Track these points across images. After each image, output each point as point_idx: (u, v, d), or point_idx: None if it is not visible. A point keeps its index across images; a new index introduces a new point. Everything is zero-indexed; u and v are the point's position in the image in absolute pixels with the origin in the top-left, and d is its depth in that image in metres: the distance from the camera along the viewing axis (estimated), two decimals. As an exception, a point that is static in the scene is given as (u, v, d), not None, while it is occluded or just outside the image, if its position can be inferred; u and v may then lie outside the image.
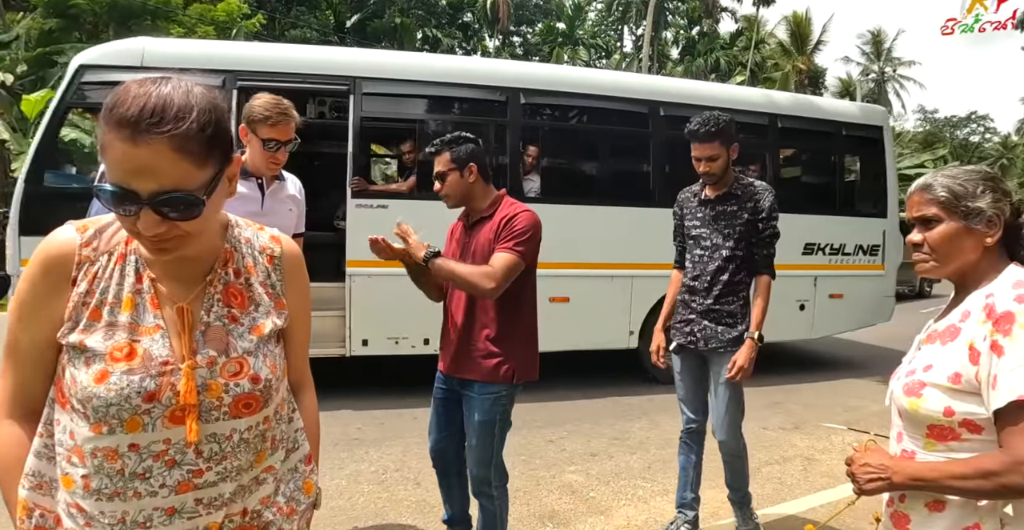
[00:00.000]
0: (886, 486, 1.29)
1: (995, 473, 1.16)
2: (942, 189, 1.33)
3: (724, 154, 2.77)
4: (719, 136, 2.74)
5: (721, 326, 2.82)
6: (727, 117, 2.78)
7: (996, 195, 1.31)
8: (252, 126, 2.52)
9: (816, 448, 4.50)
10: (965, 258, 1.32)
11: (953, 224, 1.32)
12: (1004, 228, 1.32)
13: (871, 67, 49.20)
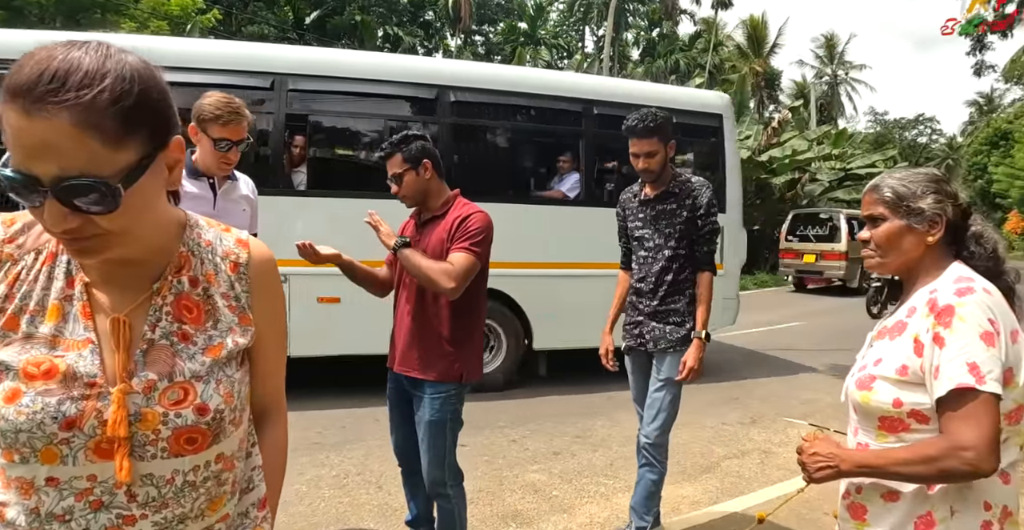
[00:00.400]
0: (834, 474, 1.32)
1: (935, 458, 1.21)
2: (888, 190, 1.40)
3: (662, 151, 2.74)
4: (657, 132, 2.71)
5: (669, 326, 2.82)
6: (665, 113, 2.77)
7: (939, 196, 1.37)
8: (202, 125, 2.46)
9: (773, 441, 4.60)
10: (908, 255, 1.39)
11: (896, 222, 1.38)
12: (950, 228, 1.38)
13: (824, 70, 50.53)
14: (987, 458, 1.18)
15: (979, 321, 1.23)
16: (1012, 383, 1.25)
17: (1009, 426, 1.27)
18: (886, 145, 38.27)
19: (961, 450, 1.19)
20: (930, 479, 1.25)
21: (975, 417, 1.20)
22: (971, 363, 1.21)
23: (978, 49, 12.68)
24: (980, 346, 1.21)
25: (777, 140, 18.91)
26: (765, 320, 10.06)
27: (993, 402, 1.20)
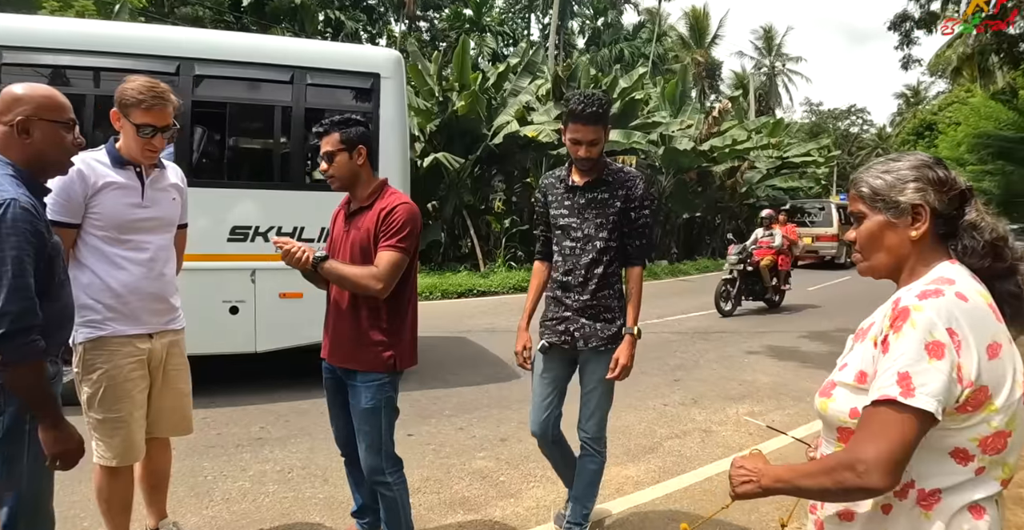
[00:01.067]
0: (755, 488, 1.26)
1: (832, 469, 1.13)
2: (863, 184, 1.27)
3: (604, 138, 2.60)
4: (603, 119, 2.55)
5: (600, 323, 2.66)
6: (610, 98, 2.66)
7: (919, 184, 1.21)
8: (125, 111, 2.37)
9: (713, 420, 4.75)
10: (895, 254, 1.25)
11: (875, 219, 1.25)
12: (940, 219, 1.22)
13: (763, 61, 51.92)
14: (878, 476, 1.08)
15: (930, 329, 1.10)
16: (986, 405, 1.12)
17: (986, 455, 1.14)
18: (821, 135, 39.70)
19: (856, 463, 1.10)
20: (832, 493, 1.16)
21: (884, 432, 1.09)
22: (903, 373, 1.09)
23: (906, 44, 13.20)
24: (921, 357, 1.09)
25: (718, 129, 19.34)
26: (707, 303, 10.32)
27: (914, 420, 1.08)
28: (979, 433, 1.12)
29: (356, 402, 2.47)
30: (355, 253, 2.43)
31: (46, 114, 1.82)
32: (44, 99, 1.82)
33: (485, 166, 15.42)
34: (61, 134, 1.85)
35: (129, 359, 2.43)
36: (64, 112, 1.86)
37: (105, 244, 2.40)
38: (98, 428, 2.42)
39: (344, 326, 2.47)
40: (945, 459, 1.15)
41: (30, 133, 1.80)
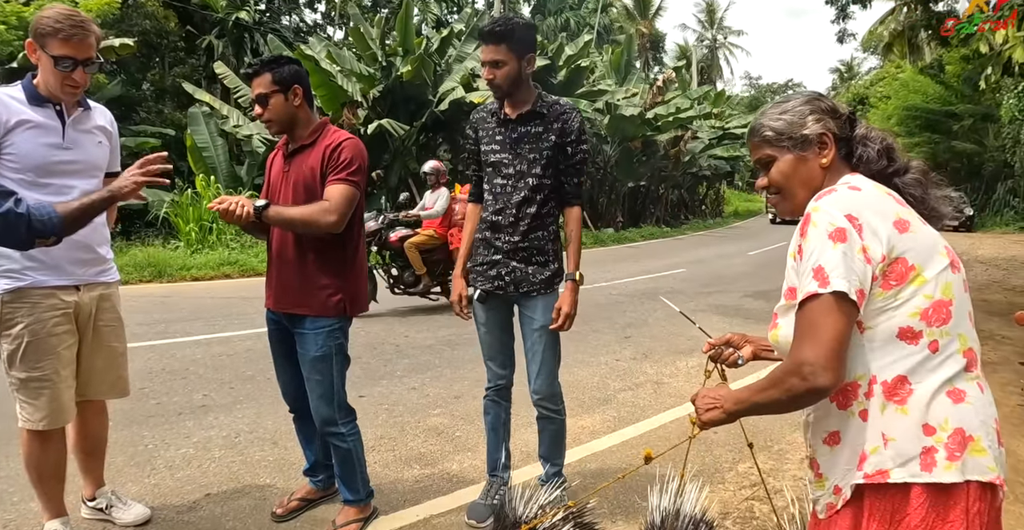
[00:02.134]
0: (720, 414, 1.26)
1: (780, 379, 1.13)
2: (766, 129, 1.31)
3: (513, 62, 2.35)
4: (505, 39, 2.33)
5: (532, 266, 2.47)
6: (524, 20, 2.44)
7: (817, 115, 1.28)
8: (40, 41, 2.15)
9: (664, 373, 4.83)
10: (810, 185, 1.28)
11: (786, 157, 1.29)
12: (842, 143, 1.29)
13: (705, 34, 52.52)
14: (823, 372, 1.07)
15: (829, 220, 1.13)
16: (913, 277, 1.13)
17: (932, 327, 1.13)
18: (760, 107, 40.63)
19: (799, 366, 1.09)
20: (784, 404, 1.15)
21: (813, 327, 1.09)
22: (816, 268, 1.11)
23: (841, 18, 13.46)
24: (827, 245, 1.11)
25: (662, 99, 19.52)
26: (653, 268, 10.50)
27: (835, 303, 1.09)
28: (917, 306, 1.13)
29: (305, 350, 2.37)
30: (299, 193, 2.31)
31: None
32: None
33: (430, 133, 15.14)
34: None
35: (53, 312, 2.25)
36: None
37: (23, 188, 2.19)
38: (21, 389, 2.24)
39: (289, 271, 2.36)
40: (895, 342, 1.14)
41: None
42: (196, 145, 13.40)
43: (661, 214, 23.31)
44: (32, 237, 1.70)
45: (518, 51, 2.36)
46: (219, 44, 20.23)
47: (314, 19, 31.54)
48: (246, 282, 9.50)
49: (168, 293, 8.41)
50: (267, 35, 17.56)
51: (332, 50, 14.51)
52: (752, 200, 43.58)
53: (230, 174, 13.74)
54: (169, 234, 12.29)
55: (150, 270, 9.63)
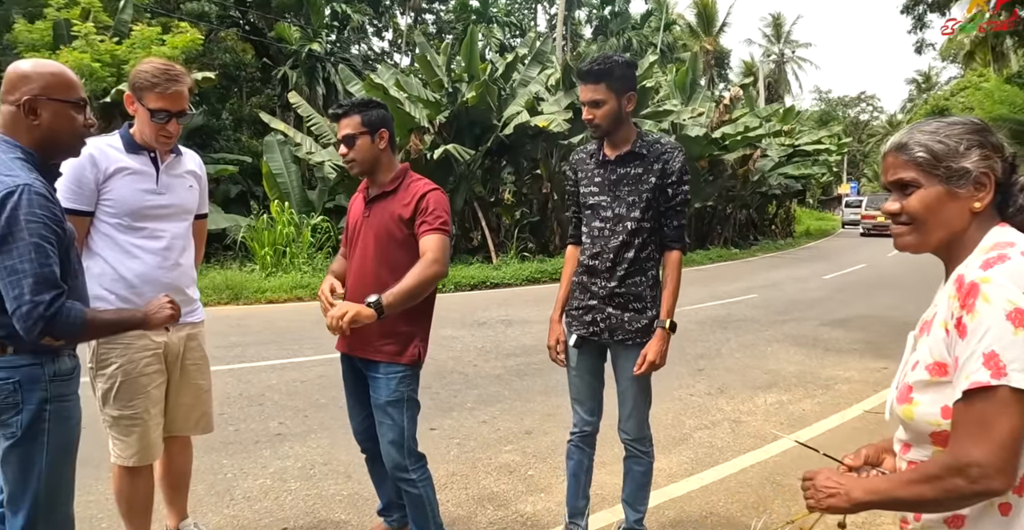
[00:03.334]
0: (843, 502, 1.14)
1: (937, 477, 1.02)
2: (920, 148, 1.12)
3: (613, 102, 2.32)
4: (605, 78, 2.29)
5: (629, 313, 2.42)
6: (624, 58, 2.37)
7: (985, 151, 1.10)
8: (138, 94, 2.26)
9: (741, 410, 4.63)
10: (951, 227, 1.12)
11: (934, 188, 1.11)
12: (999, 189, 1.12)
13: (772, 49, 51.46)
14: (996, 475, 0.96)
15: (1007, 297, 0.97)
16: None
17: None
18: (831, 122, 39.29)
19: (965, 467, 0.98)
20: (938, 503, 1.04)
21: (985, 424, 0.97)
22: (988, 353, 0.97)
23: (919, 27, 12.95)
24: (1005, 329, 0.96)
25: (729, 117, 19.12)
26: (723, 293, 10.19)
27: (1012, 399, 0.95)
28: None
29: (377, 395, 2.37)
30: (380, 239, 2.34)
31: (55, 93, 1.70)
32: (52, 77, 1.71)
33: (495, 157, 15.27)
34: (71, 114, 1.74)
35: (144, 353, 2.33)
36: (74, 91, 1.74)
37: (118, 232, 2.30)
38: (114, 426, 2.33)
39: None
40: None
41: (38, 114, 1.69)
42: (271, 171, 13.93)
43: (729, 235, 22.70)
44: (42, 336, 1.61)
45: (617, 90, 2.32)
46: (293, 74, 21.14)
47: (382, 47, 32.66)
48: (317, 305, 9.71)
49: (244, 315, 8.70)
50: (337, 65, 18.22)
51: (399, 78, 14.89)
52: (824, 218, 42.02)
53: (302, 199, 14.21)
54: (246, 257, 12.77)
55: (227, 293, 10.00)
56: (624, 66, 2.33)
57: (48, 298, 1.58)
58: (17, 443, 1.70)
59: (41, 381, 1.72)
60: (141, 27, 12.36)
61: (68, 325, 1.63)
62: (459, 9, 30.18)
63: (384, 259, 2.34)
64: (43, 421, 1.71)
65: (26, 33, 11.79)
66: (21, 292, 1.56)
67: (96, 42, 11.26)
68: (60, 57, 11.02)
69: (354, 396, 2.54)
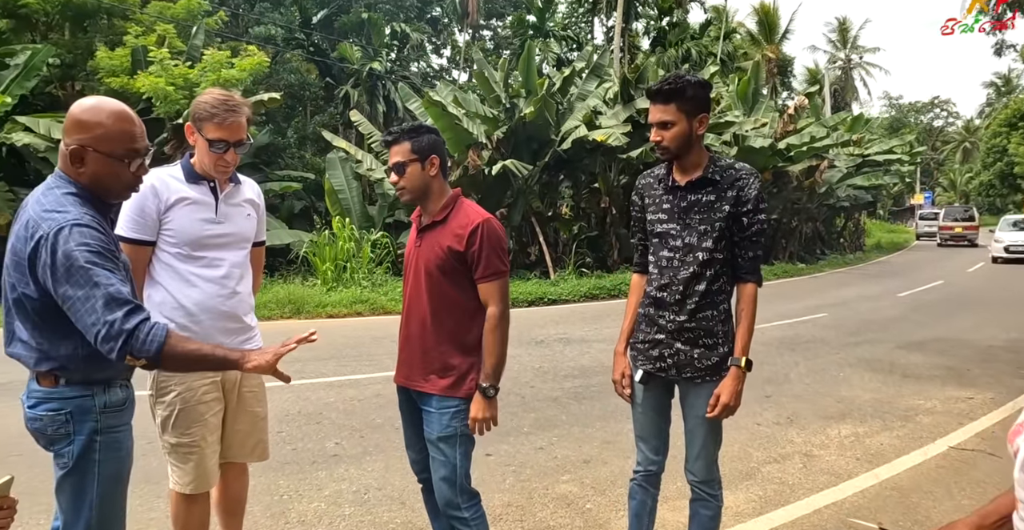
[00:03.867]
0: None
1: None
2: None
3: (683, 123, 2.19)
4: (675, 98, 2.17)
5: (698, 349, 2.26)
6: (696, 77, 2.23)
7: None
8: (198, 124, 2.28)
9: (813, 443, 4.37)
10: None
11: None
12: None
13: (837, 55, 49.81)
14: None
15: None
16: None
17: None
18: (902, 130, 37.64)
19: None
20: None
21: None
22: None
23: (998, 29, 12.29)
24: None
25: (794, 127, 18.53)
26: (790, 311, 9.78)
27: None
28: None
29: (430, 430, 2.31)
30: (432, 274, 2.28)
31: (103, 146, 1.68)
32: (104, 128, 1.68)
33: (553, 172, 15.22)
34: (116, 168, 1.71)
35: (202, 381, 2.33)
36: (124, 143, 1.70)
37: (178, 261, 2.33)
38: (172, 453, 2.34)
39: (419, 349, 2.32)
40: None
41: (84, 163, 1.69)
42: (333, 188, 14.26)
43: (795, 249, 21.91)
44: (123, 354, 1.58)
45: (688, 111, 2.19)
46: (354, 93, 21.70)
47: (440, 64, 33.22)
48: (376, 320, 9.86)
49: (304, 330, 8.81)
50: (397, 83, 18.59)
51: (458, 94, 15.06)
52: (896, 231, 40.19)
53: (363, 214, 14.48)
54: (307, 272, 13.07)
55: (290, 307, 10.23)
56: (696, 86, 2.19)
57: (120, 314, 1.57)
58: (69, 473, 1.73)
59: (92, 412, 1.73)
60: (212, 51, 12.89)
61: (146, 343, 1.58)
62: (516, 24, 30.42)
63: (434, 292, 2.29)
64: (94, 452, 1.72)
65: (107, 59, 12.47)
66: (97, 318, 1.57)
67: (170, 67, 11.79)
68: (137, 81, 11.61)
69: (411, 426, 2.48)
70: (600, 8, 32.11)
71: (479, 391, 2.22)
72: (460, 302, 2.27)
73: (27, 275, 1.63)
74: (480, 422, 2.23)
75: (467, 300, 2.27)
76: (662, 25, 31.94)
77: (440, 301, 2.27)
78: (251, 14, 23.34)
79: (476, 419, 2.22)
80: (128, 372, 1.87)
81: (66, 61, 13.47)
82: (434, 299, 2.28)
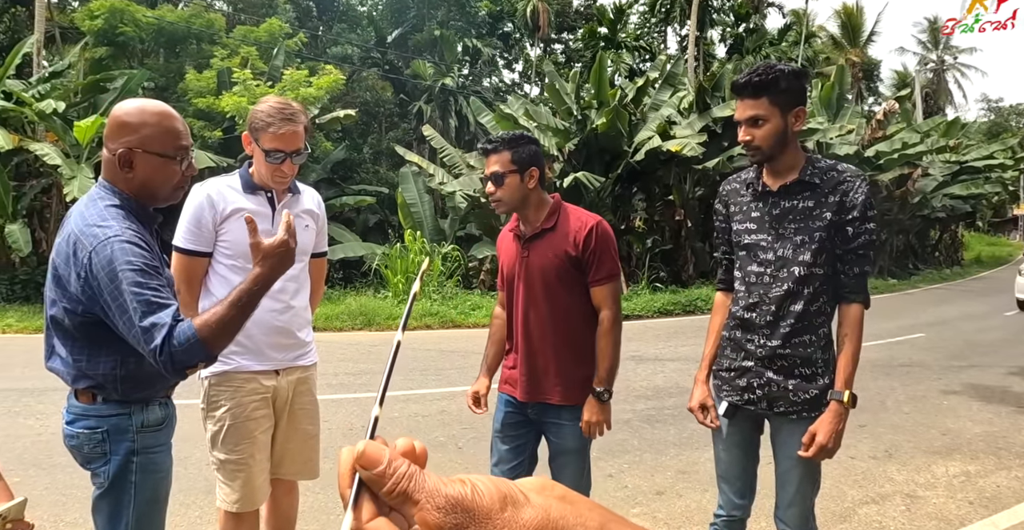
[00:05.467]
0: None
1: None
2: None
3: (777, 118, 1.92)
4: (767, 90, 1.90)
5: (794, 379, 1.96)
6: (790, 67, 1.96)
7: None
8: (255, 134, 2.20)
9: (917, 482, 3.92)
10: None
11: None
12: None
13: (928, 56, 47.10)
14: None
15: None
16: None
17: None
18: (1003, 134, 35.03)
19: None
20: None
21: None
22: None
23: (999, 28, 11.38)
24: None
25: (883, 133, 17.52)
26: (883, 331, 9.08)
27: None
28: None
29: (563, 441, 2.27)
30: (548, 278, 2.23)
31: (152, 146, 1.64)
32: (151, 128, 1.64)
33: (625, 184, 14.90)
34: (167, 168, 1.67)
35: (253, 397, 2.25)
36: (172, 142, 1.66)
37: (232, 273, 2.26)
38: (220, 469, 2.27)
39: (543, 360, 2.26)
40: None
41: (133, 166, 1.64)
42: (406, 202, 14.45)
43: (885, 263, 20.61)
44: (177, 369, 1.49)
45: (783, 104, 1.92)
46: (427, 109, 22.10)
47: (512, 79, 33.48)
48: (445, 334, 9.82)
49: (376, 342, 8.91)
50: (469, 97, 18.76)
51: (529, 107, 15.01)
52: (998, 244, 37.38)
53: (435, 228, 14.60)
54: (380, 284, 13.25)
55: (361, 319, 10.35)
56: (791, 76, 1.92)
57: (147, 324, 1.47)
58: (105, 493, 1.67)
59: (128, 431, 1.67)
60: (291, 71, 13.36)
61: (185, 351, 1.47)
62: (587, 37, 30.31)
63: (552, 301, 2.24)
64: (130, 473, 1.66)
65: (195, 81, 13.13)
66: (138, 340, 1.50)
67: (252, 87, 12.28)
68: (222, 101, 12.14)
69: (511, 442, 2.37)
70: (673, 17, 31.61)
71: (593, 395, 2.18)
72: (577, 308, 2.24)
73: (67, 291, 1.58)
74: (594, 425, 2.18)
75: (582, 305, 2.24)
76: (738, 32, 31.12)
77: (559, 310, 2.23)
78: (329, 35, 24.21)
79: (590, 422, 2.18)
80: (168, 389, 1.80)
81: (159, 84, 14.29)
82: (553, 308, 2.24)
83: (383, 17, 26.30)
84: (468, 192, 13.24)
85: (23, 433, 5.01)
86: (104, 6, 13.98)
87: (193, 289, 2.27)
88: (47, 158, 11.19)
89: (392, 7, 26.29)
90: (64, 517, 3.39)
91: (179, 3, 17.20)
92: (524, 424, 2.35)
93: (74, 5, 19.46)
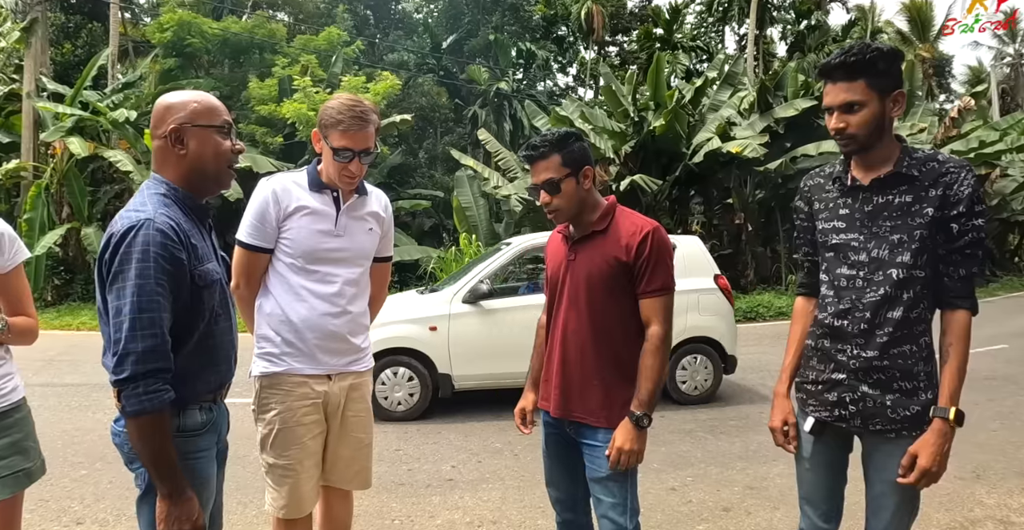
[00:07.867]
0: None
1: None
2: None
3: (874, 103, 1.71)
4: (862, 72, 1.69)
5: (892, 394, 1.76)
6: (887, 46, 1.73)
7: None
8: (324, 132, 2.13)
9: (1011, 507, 3.60)
10: None
11: None
12: None
13: (1005, 50, 44.60)
14: None
15: None
16: None
17: None
18: (1092, 132, 32.87)
19: None
20: None
21: None
22: None
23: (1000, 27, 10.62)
24: None
25: (957, 132, 16.61)
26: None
27: None
28: None
29: (597, 467, 2.00)
30: (592, 285, 2.01)
31: (199, 119, 1.66)
32: (197, 104, 1.67)
33: (683, 187, 14.57)
34: (217, 139, 1.68)
35: (303, 401, 2.19)
36: (217, 115, 1.69)
37: (291, 273, 2.21)
38: (269, 473, 2.22)
39: (579, 376, 2.04)
40: None
41: (184, 142, 1.64)
42: (460, 205, 14.51)
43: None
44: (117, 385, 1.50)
45: (882, 88, 1.71)
46: (482, 113, 22.19)
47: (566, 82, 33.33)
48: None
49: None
50: (523, 101, 18.74)
51: (584, 110, 14.86)
52: (1086, 248, 34.89)
53: (489, 231, 14.59)
54: (435, 287, 13.32)
55: (415, 323, 10.37)
56: (890, 56, 1.70)
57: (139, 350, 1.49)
58: (143, 496, 1.65)
59: None
60: (349, 77, 13.61)
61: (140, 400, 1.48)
62: (643, 38, 29.89)
63: (596, 311, 2.01)
64: None
65: (258, 89, 13.52)
66: (118, 338, 1.50)
67: (312, 94, 12.55)
68: (283, 108, 12.45)
69: (558, 462, 2.19)
70: (731, 16, 30.87)
71: (631, 419, 1.92)
72: (622, 321, 2.00)
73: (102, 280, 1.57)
74: (625, 453, 1.90)
75: (628, 318, 2.00)
76: (800, 29, 30.16)
77: (603, 321, 2.01)
78: (386, 42, 24.62)
79: (621, 449, 1.90)
80: (211, 394, 1.74)
81: (224, 93, 14.77)
82: (596, 319, 2.01)
83: (438, 23, 26.58)
84: (523, 195, 13.18)
85: (92, 427, 5.18)
86: (173, 19, 14.57)
87: (252, 284, 2.24)
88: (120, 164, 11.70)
89: (447, 13, 26.55)
90: (126, 511, 3.44)
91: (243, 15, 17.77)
92: (566, 443, 2.13)
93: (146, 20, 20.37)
